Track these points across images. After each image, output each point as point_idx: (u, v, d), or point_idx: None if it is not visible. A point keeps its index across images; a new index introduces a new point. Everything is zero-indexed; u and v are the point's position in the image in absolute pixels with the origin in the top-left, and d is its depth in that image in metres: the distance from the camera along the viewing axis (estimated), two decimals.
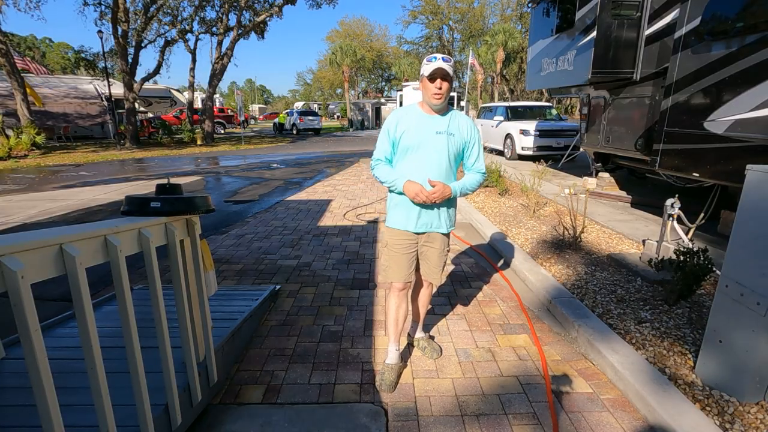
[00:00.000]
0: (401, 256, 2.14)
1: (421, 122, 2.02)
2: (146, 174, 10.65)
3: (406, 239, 2.13)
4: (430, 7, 39.58)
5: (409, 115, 2.05)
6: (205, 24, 20.77)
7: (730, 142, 3.60)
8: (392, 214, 2.16)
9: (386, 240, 2.19)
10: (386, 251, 2.20)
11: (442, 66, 1.89)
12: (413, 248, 2.16)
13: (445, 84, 1.92)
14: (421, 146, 2.00)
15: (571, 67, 6.18)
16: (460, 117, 2.08)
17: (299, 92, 78.24)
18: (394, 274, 2.16)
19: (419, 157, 2.01)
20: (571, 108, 31.83)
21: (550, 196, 6.25)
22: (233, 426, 1.89)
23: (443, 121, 2.03)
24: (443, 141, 2.01)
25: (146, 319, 1.63)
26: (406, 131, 2.02)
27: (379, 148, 2.11)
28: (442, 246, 2.20)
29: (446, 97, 1.97)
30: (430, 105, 2.00)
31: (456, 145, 2.05)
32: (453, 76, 1.97)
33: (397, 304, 2.21)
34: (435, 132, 2.01)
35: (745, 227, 1.82)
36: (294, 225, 5.36)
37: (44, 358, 1.06)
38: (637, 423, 1.88)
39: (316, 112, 28.83)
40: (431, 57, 1.93)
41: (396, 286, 2.18)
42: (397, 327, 2.23)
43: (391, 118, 2.09)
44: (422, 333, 2.54)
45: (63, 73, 34.90)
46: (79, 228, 1.27)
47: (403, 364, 2.33)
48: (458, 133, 2.05)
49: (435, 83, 1.92)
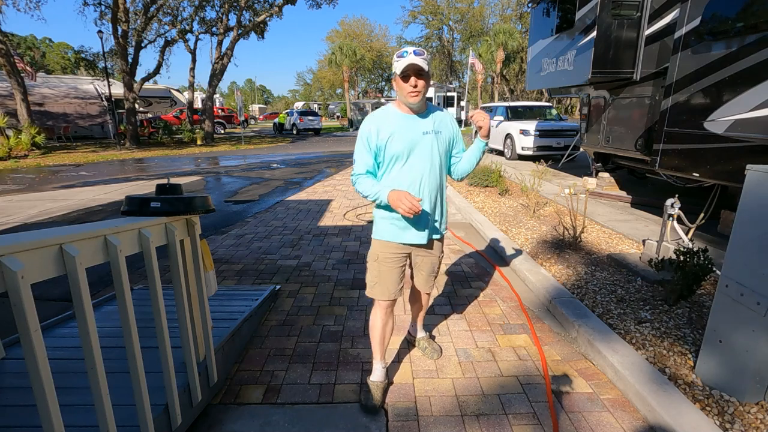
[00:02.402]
0: (392, 270, 1.96)
1: (406, 124, 1.82)
2: (146, 174, 10.64)
3: (398, 252, 1.95)
4: (430, 8, 39.57)
5: (390, 118, 1.83)
6: (205, 24, 20.79)
7: (730, 142, 3.60)
8: (381, 225, 1.95)
9: (377, 253, 1.97)
10: (376, 266, 1.98)
11: (414, 62, 1.68)
12: (405, 260, 2.01)
13: (421, 81, 1.73)
14: (413, 151, 1.82)
15: (571, 67, 6.18)
16: (439, 112, 1.92)
17: (299, 92, 78.26)
18: (383, 292, 1.98)
19: (411, 163, 1.82)
20: (571, 108, 31.85)
21: (550, 196, 6.25)
22: (233, 426, 1.89)
23: (428, 120, 1.86)
24: (433, 141, 1.85)
25: (146, 319, 1.63)
26: (392, 137, 1.80)
27: (358, 162, 1.86)
28: (437, 252, 2.08)
29: (424, 95, 1.77)
30: (407, 105, 1.80)
31: (445, 143, 1.91)
32: (430, 70, 1.77)
33: (384, 321, 2.04)
34: (422, 133, 1.83)
35: (745, 227, 1.82)
36: (294, 225, 5.36)
37: (44, 358, 1.06)
38: (637, 423, 1.88)
39: (316, 112, 28.81)
40: (402, 52, 1.73)
41: (383, 303, 2.01)
42: (383, 344, 2.09)
43: (367, 124, 1.84)
44: (423, 333, 2.50)
45: (63, 73, 34.93)
46: (79, 228, 1.27)
47: (389, 381, 2.18)
48: (445, 129, 1.91)
49: (409, 81, 1.72)
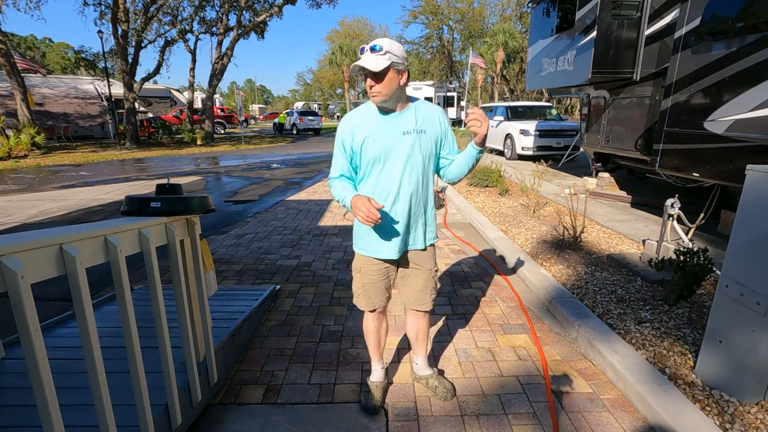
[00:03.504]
0: (375, 283, 1.83)
1: (384, 123, 1.65)
2: (146, 174, 10.64)
3: (379, 266, 1.81)
4: (430, 8, 39.58)
5: (367, 118, 1.68)
6: (205, 24, 20.79)
7: (730, 142, 3.60)
8: (358, 236, 1.81)
9: (359, 266, 1.85)
10: (359, 277, 1.86)
11: (362, 65, 1.52)
12: (389, 272, 1.85)
13: (377, 84, 1.54)
14: (390, 154, 1.65)
15: (571, 67, 6.18)
16: (425, 106, 1.72)
17: (299, 92, 78.29)
18: (367, 303, 1.88)
19: (389, 168, 1.66)
20: (571, 108, 31.84)
21: (550, 196, 6.25)
22: (233, 426, 1.89)
23: (409, 118, 1.66)
24: (414, 142, 1.66)
25: (146, 319, 1.63)
26: (368, 139, 1.64)
27: (334, 165, 1.74)
28: (426, 265, 1.86)
29: (391, 94, 1.58)
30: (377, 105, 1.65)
31: (430, 144, 1.70)
32: (398, 63, 1.54)
33: (377, 326, 1.97)
34: (402, 133, 1.65)
35: (745, 227, 1.82)
36: (294, 225, 5.36)
37: (44, 358, 1.06)
38: (637, 423, 1.88)
39: (316, 112, 28.81)
40: (362, 47, 1.58)
41: (370, 312, 1.95)
42: (379, 346, 2.02)
43: (343, 126, 1.70)
44: (429, 370, 2.13)
45: (63, 73, 34.92)
46: (79, 228, 1.27)
47: (389, 380, 2.16)
48: (430, 128, 1.69)
49: (366, 82, 1.57)
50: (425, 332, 2.05)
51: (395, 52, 1.53)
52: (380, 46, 1.51)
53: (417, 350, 2.12)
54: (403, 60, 1.56)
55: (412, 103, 1.71)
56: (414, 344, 2.11)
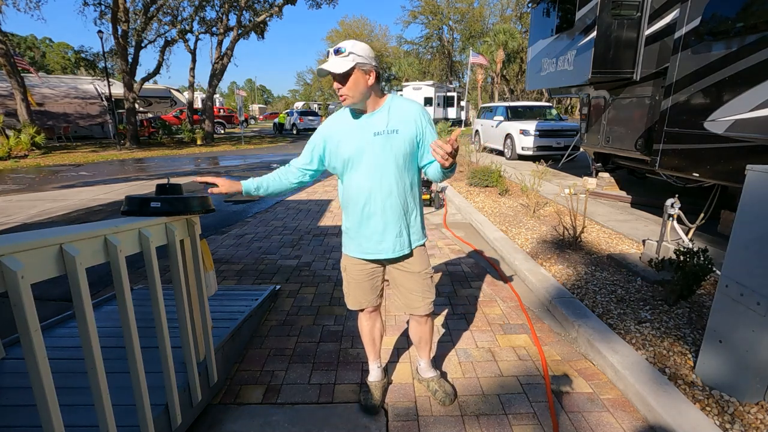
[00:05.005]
0: (360, 284, 1.83)
1: (356, 126, 1.63)
2: (146, 174, 10.64)
3: (364, 266, 1.80)
4: (430, 8, 39.55)
5: (341, 121, 1.68)
6: (205, 24, 20.79)
7: (730, 142, 3.59)
8: (343, 237, 1.83)
9: (345, 265, 1.87)
10: (346, 277, 1.88)
11: (326, 68, 1.50)
12: (375, 273, 1.83)
13: (343, 86, 1.52)
14: (362, 157, 1.62)
15: (571, 67, 6.18)
16: (400, 104, 1.64)
17: (299, 92, 78.23)
18: (354, 303, 1.90)
19: (362, 170, 1.63)
20: (571, 108, 31.82)
21: (550, 196, 6.25)
22: (233, 426, 1.89)
23: (381, 118, 1.61)
24: (385, 143, 1.60)
25: (146, 319, 1.63)
26: (340, 143, 1.64)
27: (300, 156, 1.78)
28: (416, 268, 1.79)
29: (360, 95, 1.55)
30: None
31: (404, 144, 1.62)
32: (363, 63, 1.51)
33: (369, 326, 1.97)
34: (373, 134, 1.60)
35: (745, 227, 1.82)
36: (294, 225, 5.36)
37: (44, 358, 1.06)
38: (637, 423, 1.88)
39: (316, 112, 28.84)
40: (327, 51, 1.58)
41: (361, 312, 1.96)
42: (375, 346, 2.02)
43: (319, 133, 1.73)
44: (432, 372, 2.10)
45: (63, 73, 34.93)
46: (79, 228, 1.27)
47: (388, 379, 2.16)
48: (404, 127, 1.61)
49: (334, 85, 1.56)
50: (427, 338, 2.01)
51: (359, 53, 1.51)
52: (344, 48, 1.50)
53: (420, 353, 2.11)
54: (369, 59, 1.54)
55: (388, 99, 1.65)
56: (417, 347, 2.11)
